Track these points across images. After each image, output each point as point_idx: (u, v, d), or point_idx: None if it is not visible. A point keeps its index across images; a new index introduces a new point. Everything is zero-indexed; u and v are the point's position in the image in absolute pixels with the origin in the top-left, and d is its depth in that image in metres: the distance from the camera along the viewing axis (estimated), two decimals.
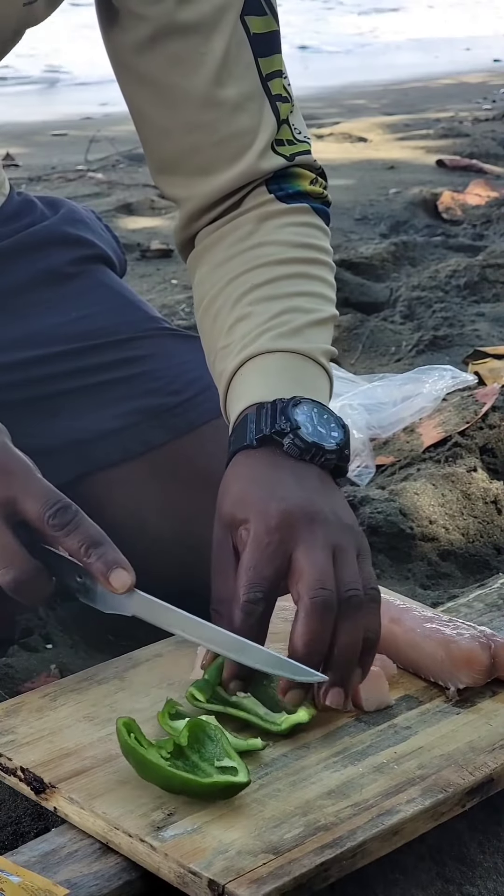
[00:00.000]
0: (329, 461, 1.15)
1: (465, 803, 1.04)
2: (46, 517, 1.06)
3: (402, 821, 0.99)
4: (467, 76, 8.16)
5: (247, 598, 1.07)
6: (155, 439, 1.41)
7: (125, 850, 0.97)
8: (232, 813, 0.98)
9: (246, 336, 1.24)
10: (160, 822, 0.98)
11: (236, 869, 0.92)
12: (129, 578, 1.07)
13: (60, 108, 6.95)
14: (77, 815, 1.00)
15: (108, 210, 3.73)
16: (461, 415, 1.97)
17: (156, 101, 1.31)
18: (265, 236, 1.30)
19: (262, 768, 1.04)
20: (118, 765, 1.04)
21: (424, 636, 1.17)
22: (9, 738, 1.08)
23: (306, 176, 1.33)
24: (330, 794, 1.01)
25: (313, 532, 1.09)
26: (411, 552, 1.68)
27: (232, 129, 1.29)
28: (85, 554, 1.06)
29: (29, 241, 1.49)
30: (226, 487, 1.15)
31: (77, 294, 1.49)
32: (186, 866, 0.93)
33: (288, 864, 0.93)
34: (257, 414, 1.16)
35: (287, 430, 1.14)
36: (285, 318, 1.24)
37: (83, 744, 1.07)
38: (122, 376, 1.44)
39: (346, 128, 5.30)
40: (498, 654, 1.16)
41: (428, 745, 1.08)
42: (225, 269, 1.29)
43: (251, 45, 1.28)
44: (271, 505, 1.10)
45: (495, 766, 1.05)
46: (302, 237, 1.30)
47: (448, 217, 3.68)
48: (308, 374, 1.22)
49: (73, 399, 1.42)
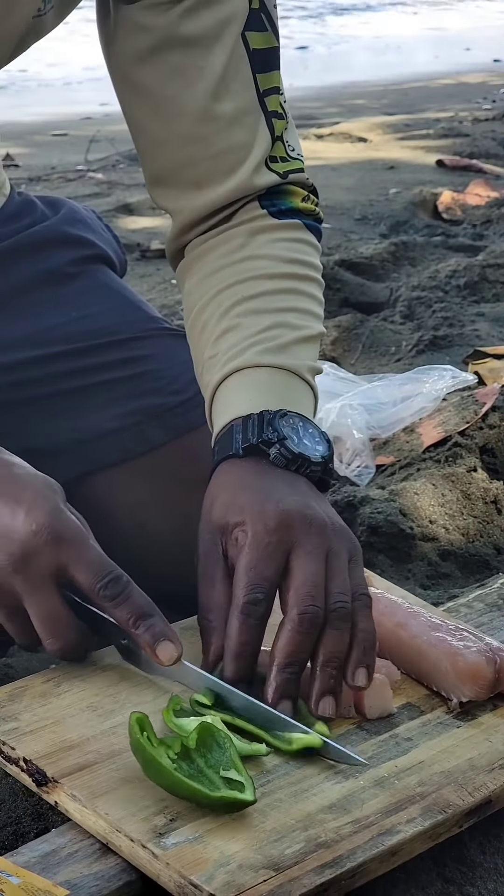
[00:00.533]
0: (314, 472, 1.17)
1: (462, 824, 1.04)
2: (98, 588, 1.08)
3: (401, 842, 0.99)
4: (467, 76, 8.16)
5: (248, 598, 1.08)
6: (155, 439, 1.41)
7: (125, 854, 0.97)
8: (234, 822, 0.98)
9: (233, 348, 1.24)
10: (162, 828, 0.97)
11: (237, 884, 0.92)
12: (175, 651, 1.08)
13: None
14: (78, 813, 1.00)
15: (108, 210, 3.74)
16: (461, 415, 1.97)
17: (153, 113, 1.31)
18: (256, 249, 1.31)
19: (264, 775, 1.04)
20: (121, 761, 1.04)
21: (430, 645, 1.16)
22: (12, 724, 1.08)
23: (299, 193, 1.34)
24: (331, 808, 1.01)
25: (310, 535, 1.10)
26: (411, 552, 1.68)
27: (227, 144, 1.29)
28: (133, 626, 1.08)
29: (30, 242, 1.49)
30: (213, 495, 1.16)
31: (78, 294, 1.49)
32: (187, 878, 0.93)
33: (288, 882, 0.93)
34: (244, 424, 1.17)
35: (274, 440, 1.15)
36: (273, 333, 1.25)
37: (86, 736, 1.07)
38: (123, 376, 1.44)
39: (346, 128, 5.30)
40: (503, 669, 1.15)
41: (428, 760, 1.08)
42: (214, 279, 1.30)
43: (250, 61, 1.29)
44: (268, 506, 1.10)
45: (494, 788, 1.05)
46: (293, 253, 1.31)
47: (448, 217, 3.68)
48: (293, 390, 1.23)
49: (73, 399, 1.42)
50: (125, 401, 1.43)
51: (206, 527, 1.14)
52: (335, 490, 1.82)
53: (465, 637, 1.18)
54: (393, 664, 1.17)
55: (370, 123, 5.52)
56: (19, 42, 1.32)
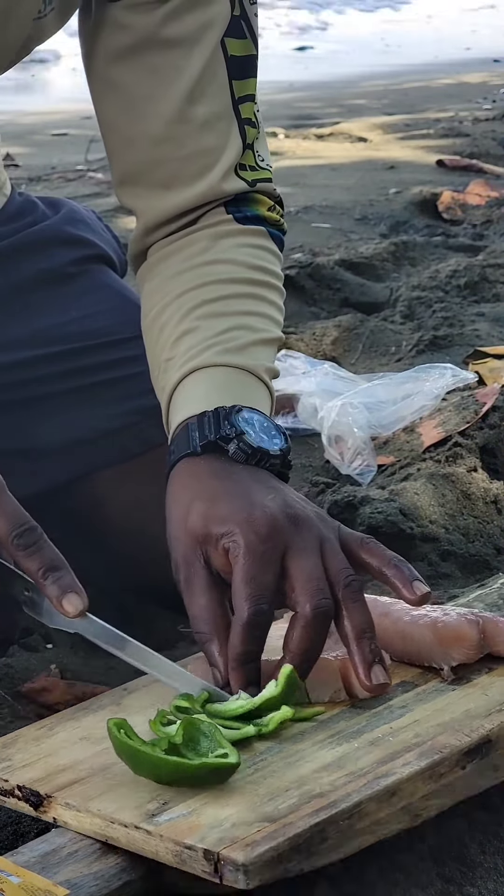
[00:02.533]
0: (274, 465, 1.16)
1: (464, 764, 1.03)
2: (12, 536, 1.06)
3: (398, 781, 0.99)
4: (467, 76, 8.16)
5: (253, 610, 1.07)
6: (154, 439, 1.41)
7: (123, 843, 0.97)
8: (226, 794, 0.98)
9: (191, 349, 1.24)
10: (155, 811, 0.98)
11: (231, 838, 0.93)
12: (80, 603, 1.06)
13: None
14: (74, 820, 1.00)
15: (108, 210, 3.73)
16: (461, 415, 1.97)
17: (125, 111, 1.31)
18: (220, 254, 1.31)
19: (259, 755, 1.04)
20: (114, 771, 1.04)
21: (413, 623, 1.18)
22: (5, 764, 1.07)
23: (265, 202, 1.34)
24: (325, 768, 1.01)
25: (300, 533, 1.10)
26: (411, 552, 1.67)
27: (198, 147, 1.30)
28: (42, 577, 1.06)
29: (30, 241, 1.49)
30: (181, 500, 1.14)
31: (78, 294, 1.49)
32: (182, 842, 0.93)
33: (283, 827, 0.93)
34: (199, 422, 1.17)
35: (232, 436, 1.15)
36: (232, 335, 1.25)
37: (79, 759, 1.07)
38: (122, 376, 1.44)
39: (346, 128, 5.30)
40: (486, 629, 1.17)
41: (424, 719, 1.08)
42: (176, 282, 1.30)
43: (227, 67, 1.29)
44: (255, 513, 1.10)
45: (492, 727, 1.06)
46: (255, 259, 1.32)
47: (448, 217, 3.68)
48: (250, 389, 1.23)
49: (72, 398, 1.42)
50: (124, 400, 1.43)
51: (183, 536, 1.13)
52: (335, 490, 1.82)
53: (445, 609, 1.20)
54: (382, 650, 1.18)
55: (370, 123, 5.52)
56: (21, 46, 1.32)
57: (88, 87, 1.34)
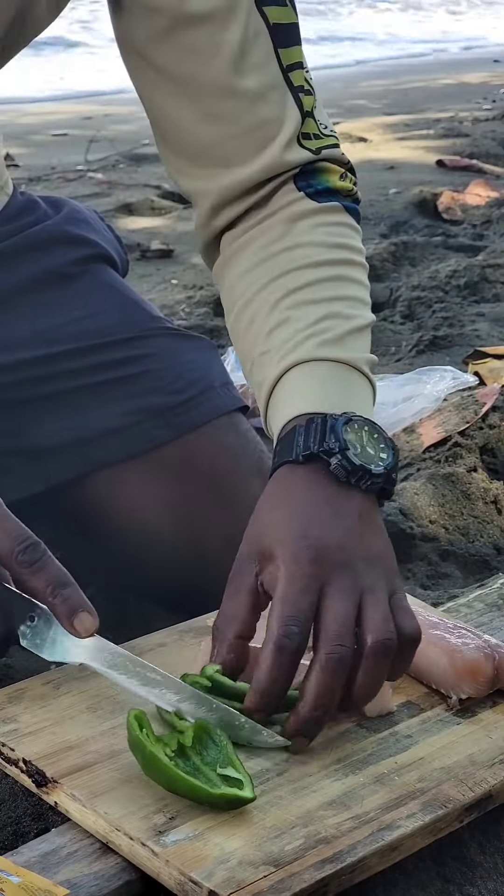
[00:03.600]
0: (375, 485, 1.12)
1: (462, 819, 1.04)
2: (16, 553, 1.04)
3: (401, 837, 0.99)
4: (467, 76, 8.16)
5: (283, 630, 1.03)
6: (158, 438, 1.41)
7: (125, 852, 0.97)
8: (234, 819, 0.98)
9: (287, 342, 1.21)
10: (162, 826, 0.97)
11: (237, 880, 0.92)
12: (92, 623, 1.05)
13: None
14: (78, 813, 1.00)
15: (108, 210, 3.74)
16: (461, 415, 1.97)
17: (172, 92, 1.28)
18: (298, 238, 1.27)
19: (264, 773, 1.04)
20: (121, 761, 1.04)
21: (428, 643, 1.16)
22: (11, 726, 1.07)
23: (335, 171, 1.30)
24: (331, 805, 1.01)
25: (342, 576, 1.06)
26: (411, 552, 1.68)
27: (254, 120, 1.26)
28: (51, 594, 1.04)
29: (33, 240, 1.49)
30: (263, 508, 1.12)
31: (80, 293, 1.49)
32: (187, 875, 0.93)
33: (288, 877, 0.93)
34: (307, 428, 1.13)
35: (335, 451, 1.10)
36: (327, 325, 1.21)
37: (86, 737, 1.07)
38: (126, 375, 1.44)
39: (346, 128, 5.30)
40: (501, 665, 1.15)
41: (428, 757, 1.08)
42: (258, 272, 1.27)
43: (270, 36, 1.26)
44: (302, 544, 1.07)
45: (494, 783, 1.05)
46: (335, 237, 1.28)
47: (448, 217, 3.68)
48: (354, 385, 1.20)
49: (76, 398, 1.42)
50: (127, 400, 1.43)
51: (249, 540, 1.11)
52: None
53: (464, 634, 1.18)
54: None
55: (370, 123, 5.52)
56: (10, 32, 1.30)
57: (130, 78, 1.31)
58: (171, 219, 3.75)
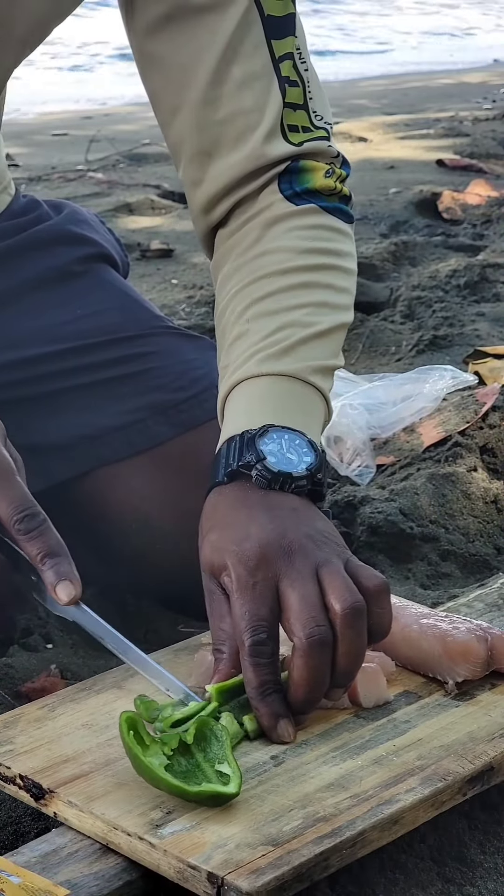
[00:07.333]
0: (300, 488, 1.14)
1: (465, 791, 1.03)
2: (14, 520, 1.07)
3: (401, 810, 0.99)
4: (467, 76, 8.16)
5: (252, 640, 1.06)
6: (161, 435, 1.42)
7: (125, 850, 0.97)
8: (231, 809, 0.99)
9: (238, 357, 1.23)
10: (159, 821, 0.98)
11: (235, 861, 0.93)
12: (74, 591, 1.07)
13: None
14: (76, 819, 1.00)
15: (108, 210, 3.74)
16: (461, 415, 1.97)
17: (167, 81, 1.29)
18: (269, 244, 1.28)
19: (261, 765, 1.04)
20: (117, 767, 1.04)
21: (421, 632, 1.17)
22: (7, 748, 1.08)
23: (318, 168, 1.30)
24: (329, 787, 1.01)
25: (292, 562, 1.08)
26: (411, 552, 1.67)
27: (236, 108, 1.26)
28: (41, 562, 1.07)
29: (36, 239, 1.50)
30: (203, 531, 1.15)
31: (83, 292, 1.49)
32: (185, 861, 0.93)
33: (287, 854, 0.93)
34: (227, 448, 1.16)
35: (253, 462, 1.14)
36: (278, 337, 1.22)
37: (82, 750, 1.07)
38: (128, 373, 1.45)
39: (346, 128, 5.30)
40: (495, 646, 1.16)
41: (427, 738, 1.08)
42: (232, 281, 1.28)
43: (264, 26, 1.27)
44: (245, 546, 1.09)
45: (495, 755, 1.05)
46: (309, 241, 1.28)
47: (448, 217, 3.68)
48: (292, 398, 1.21)
49: (79, 395, 1.43)
50: (130, 397, 1.43)
51: (203, 566, 1.14)
52: (335, 490, 1.82)
53: (455, 621, 1.19)
54: (387, 656, 1.17)
55: (370, 123, 5.52)
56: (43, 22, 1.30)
57: (137, 67, 1.32)
58: (171, 218, 3.75)
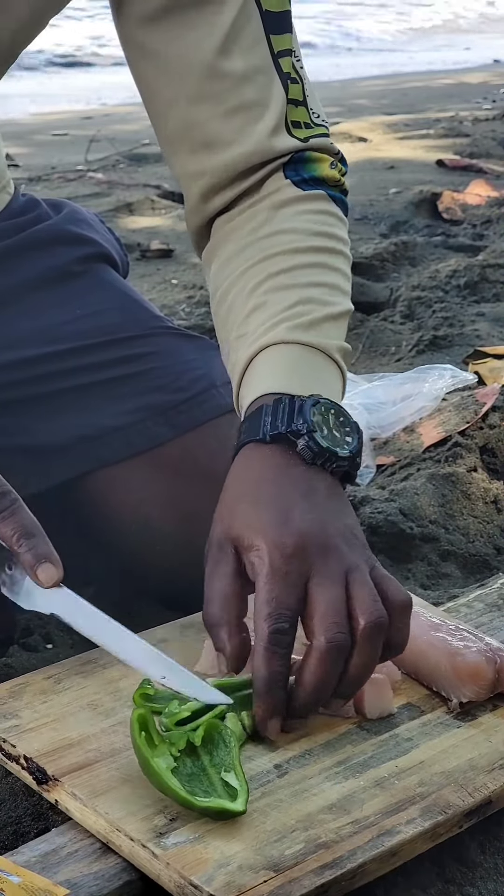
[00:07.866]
0: (340, 468, 1.13)
1: (462, 824, 1.04)
2: None
3: (401, 842, 0.99)
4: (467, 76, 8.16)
5: (273, 628, 1.03)
6: (160, 436, 1.42)
7: (125, 853, 0.97)
8: (234, 823, 0.98)
9: (261, 325, 1.21)
10: (162, 828, 0.97)
11: (237, 885, 0.92)
12: (55, 573, 1.06)
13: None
14: (79, 812, 1.00)
15: (108, 210, 3.73)
16: (461, 415, 1.97)
17: (161, 73, 1.28)
18: (281, 224, 1.27)
19: (264, 774, 1.04)
20: (122, 759, 1.04)
21: (430, 645, 1.16)
22: (12, 722, 1.08)
23: (324, 160, 1.30)
24: (331, 809, 1.01)
25: (326, 561, 1.06)
26: (411, 552, 1.67)
27: (238, 101, 1.26)
28: (17, 543, 1.05)
29: (35, 239, 1.49)
30: (231, 485, 1.12)
31: (83, 292, 1.49)
32: (187, 878, 0.93)
33: (288, 883, 0.93)
34: (274, 407, 1.13)
35: (303, 432, 1.11)
36: (302, 309, 1.21)
37: (87, 734, 1.07)
38: (128, 373, 1.44)
39: (346, 128, 5.30)
40: (502, 669, 1.15)
41: (429, 761, 1.08)
42: (240, 258, 1.27)
43: (262, 21, 1.26)
44: (283, 531, 1.06)
45: (494, 788, 1.05)
46: (318, 225, 1.28)
47: (448, 217, 3.68)
48: (324, 371, 1.20)
49: (78, 396, 1.43)
50: (130, 398, 1.43)
51: (222, 524, 1.10)
52: None
53: (466, 637, 1.18)
54: (394, 664, 1.17)
55: (370, 123, 5.51)
56: (38, 12, 1.30)
57: (125, 58, 1.31)
58: (171, 218, 3.75)
